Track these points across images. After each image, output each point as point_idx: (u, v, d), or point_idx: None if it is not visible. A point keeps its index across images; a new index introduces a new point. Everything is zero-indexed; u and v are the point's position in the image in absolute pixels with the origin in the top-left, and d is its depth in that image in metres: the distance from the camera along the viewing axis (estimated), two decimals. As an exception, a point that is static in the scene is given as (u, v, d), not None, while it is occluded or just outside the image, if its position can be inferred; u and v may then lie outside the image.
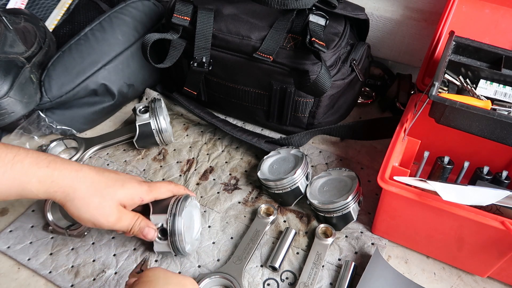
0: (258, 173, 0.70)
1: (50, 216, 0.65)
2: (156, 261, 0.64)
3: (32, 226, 0.68)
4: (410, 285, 0.61)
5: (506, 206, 0.54)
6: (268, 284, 0.62)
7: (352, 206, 0.64)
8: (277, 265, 0.61)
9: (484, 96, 0.64)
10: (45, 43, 0.80)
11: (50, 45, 0.82)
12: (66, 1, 0.92)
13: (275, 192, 0.68)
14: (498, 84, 0.64)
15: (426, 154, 0.62)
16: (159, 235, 0.60)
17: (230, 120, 0.86)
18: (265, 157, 0.73)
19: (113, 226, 0.55)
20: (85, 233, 0.66)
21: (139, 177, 0.62)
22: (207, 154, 0.80)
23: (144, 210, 0.61)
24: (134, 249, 0.66)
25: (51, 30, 0.88)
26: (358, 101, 0.88)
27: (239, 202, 0.72)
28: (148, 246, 0.65)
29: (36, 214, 0.69)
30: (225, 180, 0.75)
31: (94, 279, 0.62)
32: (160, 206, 0.61)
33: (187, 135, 0.83)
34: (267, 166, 0.72)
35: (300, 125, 0.80)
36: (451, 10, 0.68)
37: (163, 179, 0.76)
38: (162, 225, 0.60)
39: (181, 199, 0.61)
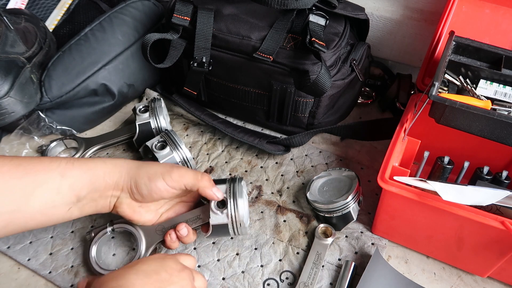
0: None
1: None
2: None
3: (32, 226, 0.68)
4: (410, 285, 0.61)
5: (506, 206, 0.54)
6: (268, 284, 0.62)
7: (352, 206, 0.64)
8: None
9: (484, 96, 0.64)
10: (46, 43, 0.80)
11: (51, 45, 0.82)
12: (66, 1, 0.92)
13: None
14: (498, 84, 0.64)
15: (426, 154, 0.62)
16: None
17: (230, 119, 0.86)
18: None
19: (180, 173, 0.56)
20: None
21: None
22: (207, 154, 0.80)
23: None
24: (133, 249, 0.66)
25: (51, 30, 0.88)
26: (358, 101, 0.88)
27: (239, 202, 0.72)
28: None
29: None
30: (225, 180, 0.75)
31: (94, 279, 0.62)
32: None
33: (187, 135, 0.83)
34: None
35: (300, 125, 0.80)
36: (451, 10, 0.68)
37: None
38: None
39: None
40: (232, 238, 0.67)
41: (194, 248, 0.66)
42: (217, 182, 0.60)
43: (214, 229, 0.58)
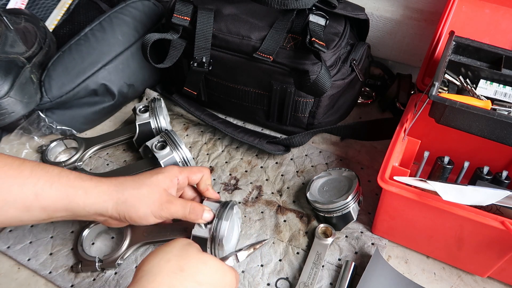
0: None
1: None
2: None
3: (31, 226, 0.68)
4: (410, 285, 0.61)
5: (506, 206, 0.54)
6: (269, 284, 0.62)
7: (352, 206, 0.64)
8: None
9: (484, 96, 0.64)
10: (46, 43, 0.80)
11: (51, 45, 0.82)
12: (66, 1, 0.92)
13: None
14: (498, 84, 0.64)
15: (426, 154, 0.62)
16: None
17: (230, 119, 0.86)
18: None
19: (169, 210, 0.56)
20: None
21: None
22: (207, 154, 0.80)
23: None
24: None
25: (51, 30, 0.88)
26: (358, 101, 0.88)
27: (239, 202, 0.72)
28: (149, 247, 0.65)
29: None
30: (225, 180, 0.75)
31: (94, 279, 0.62)
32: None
33: (187, 135, 0.83)
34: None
35: (300, 125, 0.80)
36: (451, 10, 0.68)
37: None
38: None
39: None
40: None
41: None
42: (212, 201, 0.62)
43: (193, 240, 0.59)
